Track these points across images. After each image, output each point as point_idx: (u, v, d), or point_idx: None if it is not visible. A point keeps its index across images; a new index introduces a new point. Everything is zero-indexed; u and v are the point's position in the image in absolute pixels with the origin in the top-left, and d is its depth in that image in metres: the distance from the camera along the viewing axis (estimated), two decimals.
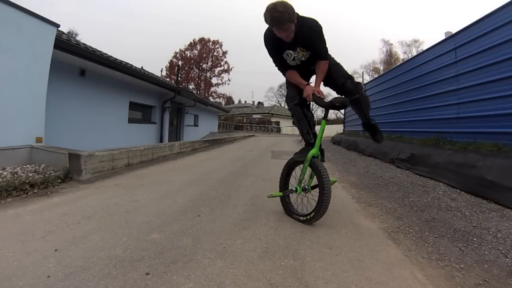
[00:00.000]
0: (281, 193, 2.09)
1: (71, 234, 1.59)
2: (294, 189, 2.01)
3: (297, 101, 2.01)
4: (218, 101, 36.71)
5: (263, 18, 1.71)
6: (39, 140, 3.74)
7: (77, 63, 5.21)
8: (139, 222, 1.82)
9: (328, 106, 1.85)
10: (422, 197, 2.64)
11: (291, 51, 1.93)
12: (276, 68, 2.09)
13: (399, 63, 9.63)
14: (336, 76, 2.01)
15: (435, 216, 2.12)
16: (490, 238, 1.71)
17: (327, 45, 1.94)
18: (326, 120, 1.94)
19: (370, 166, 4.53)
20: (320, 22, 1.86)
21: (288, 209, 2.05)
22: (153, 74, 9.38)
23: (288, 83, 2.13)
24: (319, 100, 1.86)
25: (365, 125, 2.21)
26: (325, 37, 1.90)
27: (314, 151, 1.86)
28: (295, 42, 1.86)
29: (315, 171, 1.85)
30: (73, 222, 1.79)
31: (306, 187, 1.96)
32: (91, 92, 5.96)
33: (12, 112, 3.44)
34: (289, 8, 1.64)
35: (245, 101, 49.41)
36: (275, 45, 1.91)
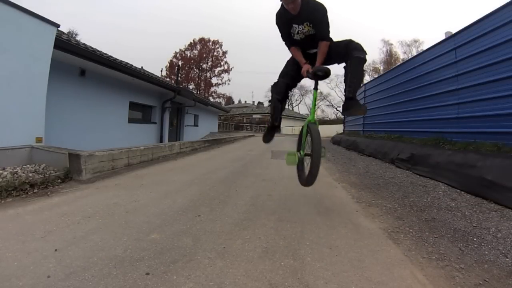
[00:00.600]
0: (295, 153, 2.28)
1: (71, 234, 1.59)
2: (298, 154, 2.25)
3: (287, 78, 2.31)
4: (218, 101, 36.73)
5: (263, 19, 1.84)
6: (39, 140, 3.74)
7: (77, 63, 5.21)
8: (139, 222, 1.82)
9: (312, 75, 2.05)
10: (422, 197, 2.64)
11: (296, 25, 2.14)
12: (284, 43, 2.28)
13: (399, 63, 9.63)
14: (340, 42, 2.17)
15: (435, 216, 2.12)
16: (490, 238, 1.71)
17: (329, 28, 2.12)
18: (316, 89, 2.15)
19: (370, 166, 4.53)
20: (326, 6, 2.06)
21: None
22: (153, 74, 9.38)
23: (288, 61, 2.38)
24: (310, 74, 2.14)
25: (349, 100, 2.14)
26: (329, 19, 2.08)
27: (310, 118, 2.13)
28: (301, 17, 2.07)
29: (309, 132, 2.12)
30: (73, 222, 1.79)
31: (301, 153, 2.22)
32: (91, 92, 5.96)
33: (12, 112, 3.44)
34: None
35: (245, 101, 49.36)
36: (285, 19, 2.15)
